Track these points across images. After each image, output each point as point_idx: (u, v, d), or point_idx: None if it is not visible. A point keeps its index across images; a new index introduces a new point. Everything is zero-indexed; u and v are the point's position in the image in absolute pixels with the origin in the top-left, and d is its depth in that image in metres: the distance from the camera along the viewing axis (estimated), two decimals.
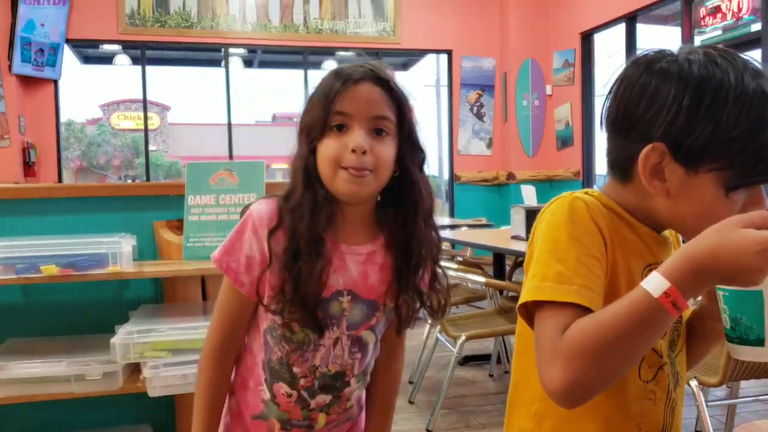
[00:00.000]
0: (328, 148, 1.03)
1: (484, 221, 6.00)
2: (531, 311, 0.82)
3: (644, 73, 0.84)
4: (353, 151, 1.01)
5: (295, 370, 1.10)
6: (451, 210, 7.80)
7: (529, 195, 4.23)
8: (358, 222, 1.10)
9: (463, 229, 5.35)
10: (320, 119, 1.03)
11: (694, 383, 2.22)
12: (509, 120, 7.63)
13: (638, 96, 0.83)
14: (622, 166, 0.87)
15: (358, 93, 1.03)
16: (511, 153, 7.58)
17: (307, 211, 1.03)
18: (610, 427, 0.86)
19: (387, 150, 1.05)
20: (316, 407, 1.12)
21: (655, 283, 0.71)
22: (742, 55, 0.82)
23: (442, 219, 6.68)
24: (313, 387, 1.11)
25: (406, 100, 1.08)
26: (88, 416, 2.07)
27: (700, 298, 0.95)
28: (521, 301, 0.83)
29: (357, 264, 1.09)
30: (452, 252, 5.64)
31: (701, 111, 0.79)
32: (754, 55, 0.88)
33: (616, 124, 0.87)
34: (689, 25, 5.86)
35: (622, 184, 0.88)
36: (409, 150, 1.09)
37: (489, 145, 7.80)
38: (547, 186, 7.23)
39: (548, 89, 7.55)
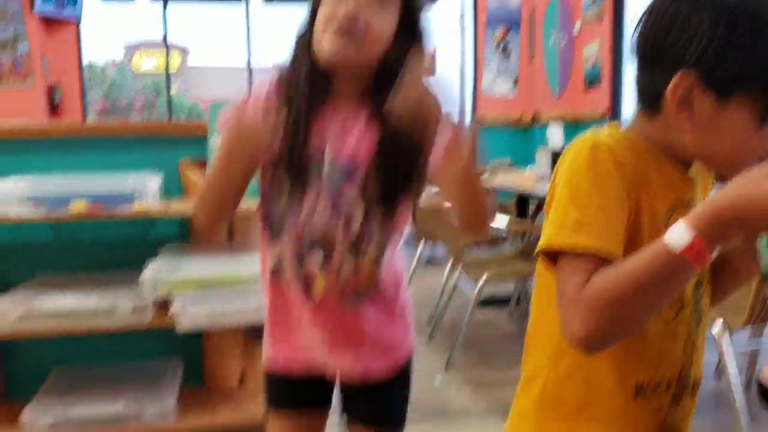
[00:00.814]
0: (323, 11, 1.06)
1: (508, 161, 5.95)
2: (551, 254, 0.82)
3: (674, 2, 0.82)
4: (343, 17, 1.03)
5: (287, 225, 1.13)
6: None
7: (554, 136, 4.17)
8: (344, 91, 1.12)
9: (487, 172, 5.31)
10: None
11: (716, 330, 2.22)
12: (536, 58, 7.46)
13: (668, 25, 0.81)
14: (651, 97, 0.85)
15: None
16: (536, 93, 7.44)
17: (301, 82, 1.09)
18: (628, 366, 0.87)
19: (381, 20, 1.06)
20: (310, 266, 1.13)
21: (678, 235, 0.70)
22: None
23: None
24: (303, 246, 1.13)
25: None
26: (118, 349, 2.13)
27: None
28: (539, 247, 0.83)
29: (338, 128, 1.11)
30: None
31: (735, 38, 0.77)
32: None
33: (646, 53, 0.85)
34: None
35: (649, 117, 0.86)
36: (408, 31, 1.10)
37: (514, 85, 7.66)
38: (573, 127, 7.12)
39: (577, 26, 7.33)
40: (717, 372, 2.80)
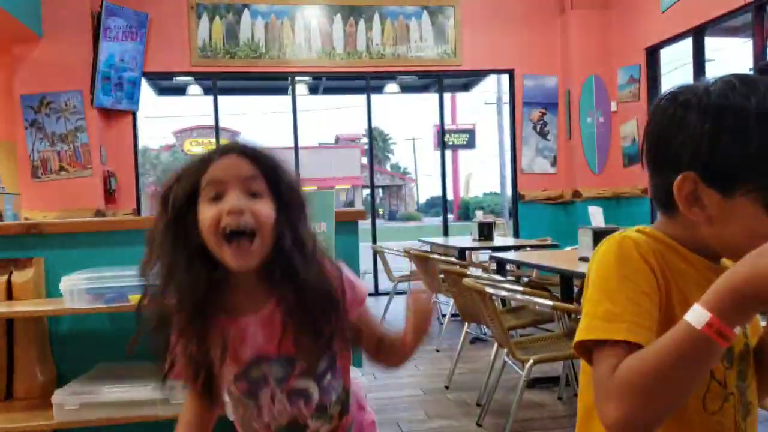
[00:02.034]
0: (206, 214, 1.06)
1: (549, 241, 5.94)
2: (589, 349, 0.84)
3: (670, 107, 0.87)
4: (229, 212, 1.04)
5: (255, 425, 1.19)
6: (515, 229, 7.74)
7: (596, 215, 4.18)
8: (250, 287, 1.12)
9: (528, 249, 5.31)
10: (191, 187, 1.07)
11: None
12: (573, 137, 7.54)
13: (666, 129, 0.86)
14: (663, 200, 0.89)
15: (226, 162, 1.08)
16: (576, 171, 7.48)
17: (188, 297, 1.08)
18: None
19: (265, 208, 1.08)
20: None
21: (696, 315, 0.72)
22: (766, 78, 0.83)
23: (505, 240, 6.64)
24: None
25: (277, 162, 1.12)
26: None
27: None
28: (575, 341, 0.85)
29: (258, 330, 1.12)
30: (518, 273, 5.61)
31: (723, 134, 0.81)
32: None
33: (651, 159, 0.90)
34: (761, 36, 5.69)
35: (669, 217, 0.90)
36: (288, 211, 1.11)
37: (553, 164, 7.73)
38: (614, 203, 7.10)
39: (613, 106, 7.43)
40: None
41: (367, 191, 33.29)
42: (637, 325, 0.80)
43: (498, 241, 5.90)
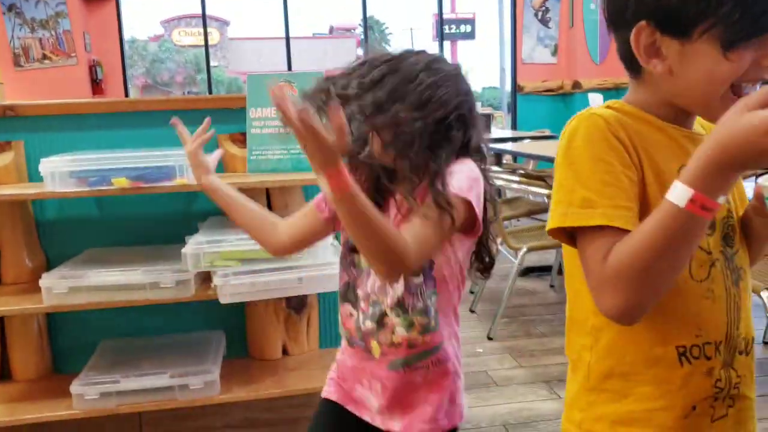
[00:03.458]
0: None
1: (547, 133, 5.86)
2: (570, 233, 0.83)
3: None
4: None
5: (359, 292, 1.20)
6: (513, 122, 7.61)
7: (596, 101, 4.08)
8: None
9: (526, 141, 5.24)
10: None
11: (765, 294, 2.17)
12: (576, 25, 7.27)
13: None
14: (627, 59, 0.86)
15: None
16: (577, 60, 7.27)
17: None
18: (668, 332, 0.86)
19: None
20: (366, 333, 1.19)
21: (678, 193, 0.71)
22: None
23: (503, 131, 6.55)
24: (367, 312, 1.18)
25: None
26: (163, 322, 2.18)
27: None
28: (549, 226, 0.85)
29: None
30: (514, 165, 5.56)
31: None
32: None
33: (611, 17, 0.87)
34: None
35: (637, 81, 0.88)
36: None
37: (554, 53, 7.49)
38: (614, 94, 6.94)
39: None
40: (764, 340, 2.75)
41: None
42: (615, 208, 0.79)
43: (495, 133, 5.83)
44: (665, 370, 0.86)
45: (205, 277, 1.90)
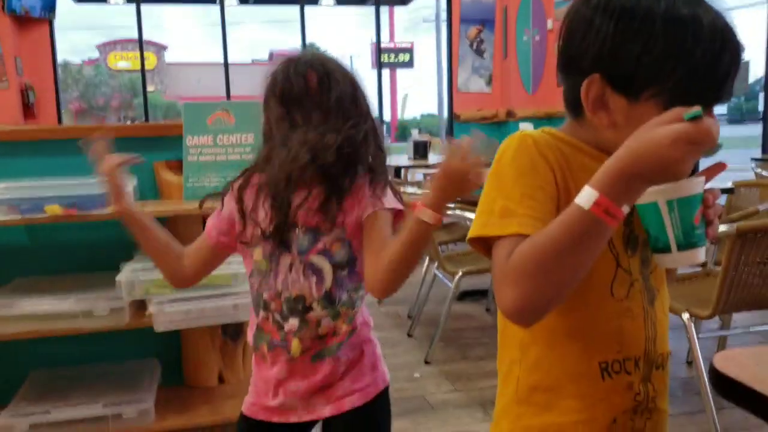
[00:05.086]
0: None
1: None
2: (490, 246, 0.86)
3: (581, 8, 0.86)
4: None
5: (265, 296, 1.25)
6: None
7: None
8: None
9: None
10: None
11: (686, 316, 2.29)
12: (509, 56, 7.53)
13: (575, 31, 0.86)
14: (571, 103, 0.89)
15: None
16: (511, 90, 7.50)
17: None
18: (591, 348, 0.90)
19: None
20: (288, 331, 1.24)
21: (585, 195, 0.74)
22: None
23: (441, 158, 6.65)
24: (282, 311, 1.24)
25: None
26: (96, 350, 2.14)
27: None
28: (470, 235, 0.87)
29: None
30: None
31: (628, 36, 0.80)
32: None
33: (561, 61, 0.89)
34: None
35: (576, 120, 0.90)
36: None
37: (489, 82, 7.72)
38: (546, 123, 7.17)
39: (549, 24, 7.40)
40: (688, 360, 2.88)
41: None
42: (530, 218, 0.82)
43: (433, 159, 5.94)
44: (588, 385, 0.90)
45: (140, 305, 1.88)
